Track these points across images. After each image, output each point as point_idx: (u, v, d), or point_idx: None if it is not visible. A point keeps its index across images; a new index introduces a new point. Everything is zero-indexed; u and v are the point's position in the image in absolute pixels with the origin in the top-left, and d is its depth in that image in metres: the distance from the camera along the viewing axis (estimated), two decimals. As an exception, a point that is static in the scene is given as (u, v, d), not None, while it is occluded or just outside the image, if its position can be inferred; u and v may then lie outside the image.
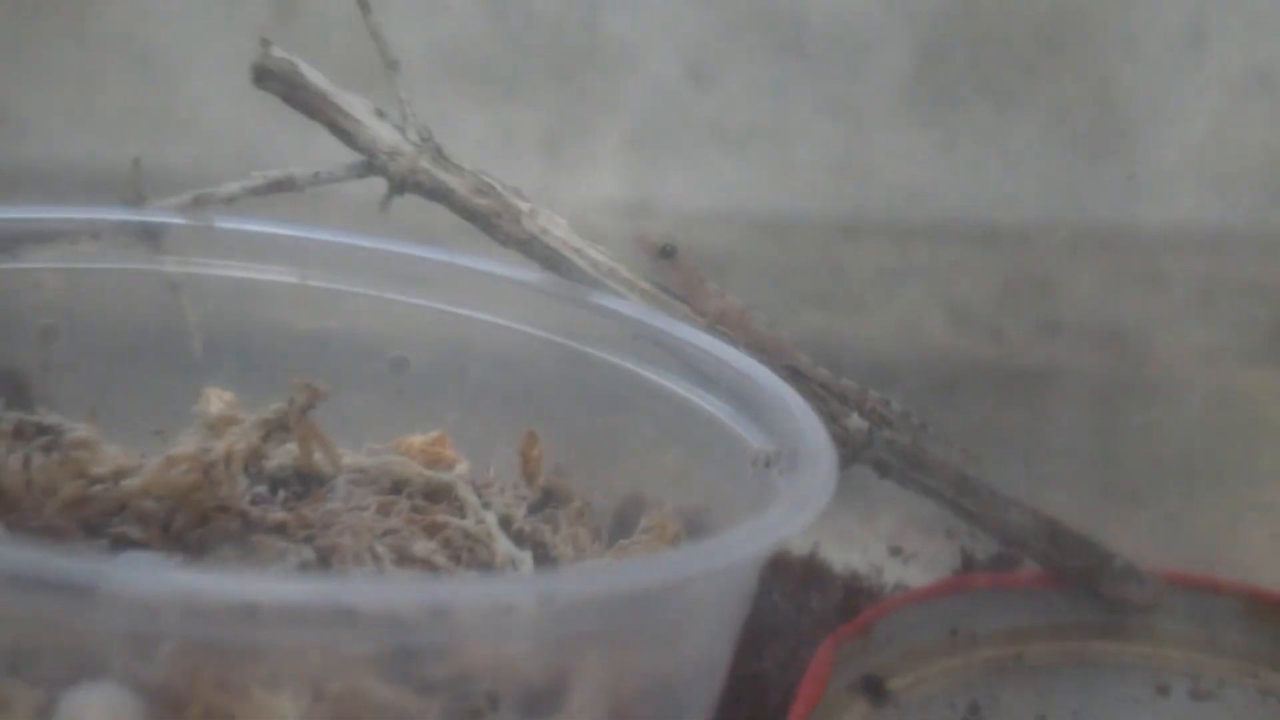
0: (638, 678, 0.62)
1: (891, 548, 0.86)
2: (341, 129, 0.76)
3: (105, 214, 0.79)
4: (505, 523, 0.77)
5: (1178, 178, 1.02)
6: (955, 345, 1.03)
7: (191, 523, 0.72)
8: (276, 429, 0.74)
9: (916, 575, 0.84)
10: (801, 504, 0.63)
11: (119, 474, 0.72)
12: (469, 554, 0.75)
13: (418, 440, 0.79)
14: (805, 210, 1.02)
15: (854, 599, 0.81)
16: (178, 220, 0.79)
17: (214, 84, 0.81)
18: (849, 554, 0.85)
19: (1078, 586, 0.82)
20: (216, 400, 0.75)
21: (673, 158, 1.01)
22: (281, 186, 0.77)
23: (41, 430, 0.73)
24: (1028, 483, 0.81)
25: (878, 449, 0.78)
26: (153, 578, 0.57)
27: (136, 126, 0.83)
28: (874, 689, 0.79)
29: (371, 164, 0.77)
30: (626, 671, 0.62)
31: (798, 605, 0.80)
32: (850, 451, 0.78)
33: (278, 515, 0.74)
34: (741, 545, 0.61)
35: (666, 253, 0.78)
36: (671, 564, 0.63)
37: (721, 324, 0.77)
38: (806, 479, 0.65)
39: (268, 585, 0.59)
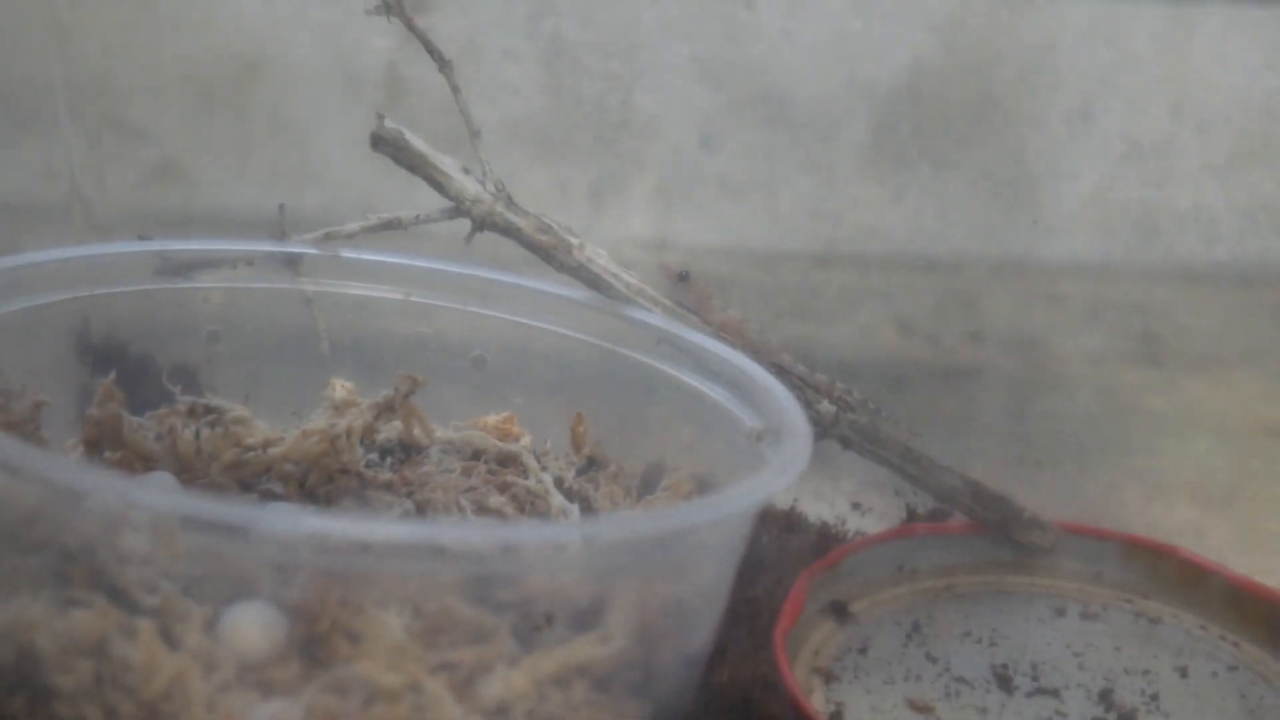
0: (660, 600, 0.63)
1: (853, 503, 0.87)
2: (436, 182, 0.77)
3: (257, 246, 0.79)
4: (558, 483, 0.77)
5: (1072, 221, 1.02)
6: (901, 349, 1.03)
7: (320, 481, 0.73)
8: (385, 410, 0.75)
9: (872, 524, 0.84)
10: (785, 468, 0.63)
11: (266, 444, 0.73)
12: (530, 506, 0.75)
13: (492, 419, 0.79)
14: (787, 245, 1.02)
15: (824, 542, 0.81)
16: (311, 251, 0.79)
17: (340, 147, 0.81)
18: (820, 508, 0.85)
19: (995, 533, 0.82)
20: (340, 388, 0.76)
21: (687, 205, 1.01)
22: (391, 226, 0.78)
23: (208, 410, 0.74)
24: (956, 454, 0.82)
25: (842, 428, 0.79)
26: (292, 522, 0.58)
27: (281, 181, 0.84)
28: (839, 611, 0.79)
29: (459, 209, 0.77)
30: (651, 596, 0.62)
31: (781, 546, 0.81)
32: (821, 429, 0.78)
33: (385, 476, 0.75)
34: (739, 499, 0.61)
35: (682, 277, 0.79)
36: (686, 513, 0.63)
37: (724, 331, 0.77)
38: (789, 450, 0.65)
39: (378, 528, 0.60)
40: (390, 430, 0.76)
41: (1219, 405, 1.03)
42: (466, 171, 0.77)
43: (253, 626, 0.58)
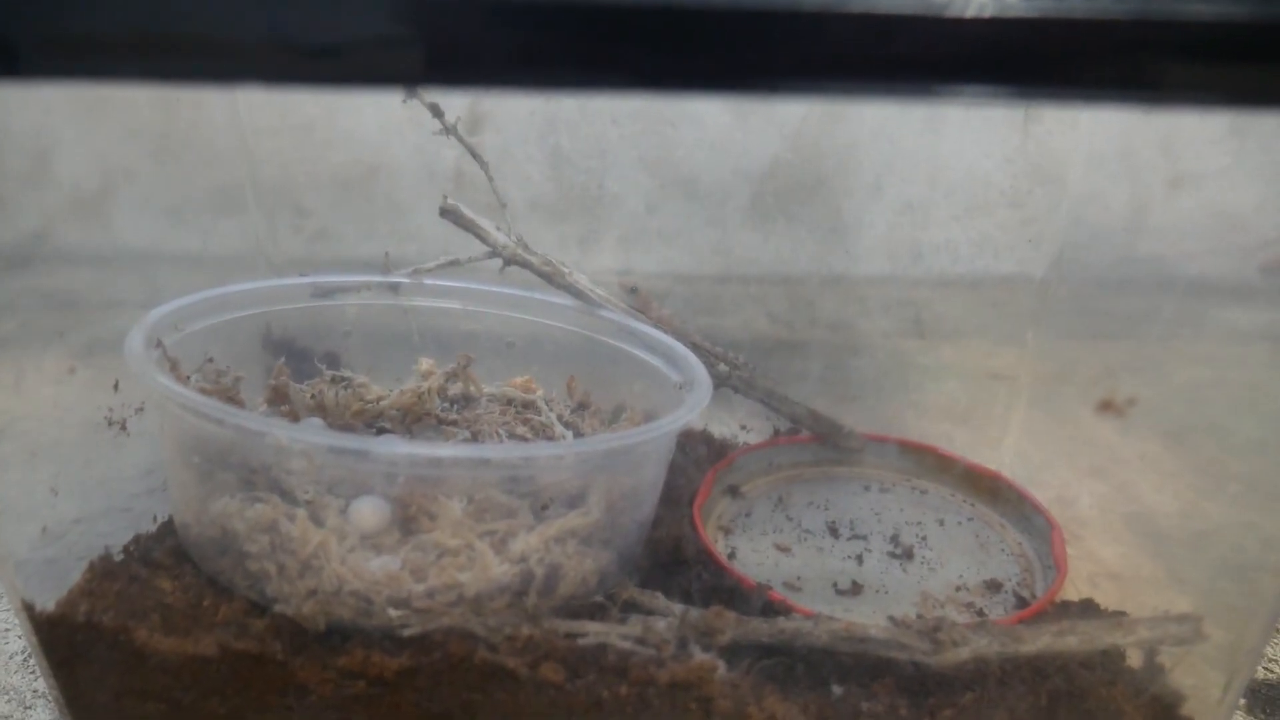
0: (621, 488, 0.61)
1: (741, 426, 0.85)
2: (479, 236, 0.75)
3: (373, 278, 0.77)
4: (560, 418, 0.75)
5: (870, 252, 1.01)
6: (770, 331, 1.02)
7: (413, 420, 0.71)
8: (452, 375, 0.73)
9: (752, 439, 0.83)
10: (694, 405, 0.62)
11: (379, 399, 0.71)
12: (542, 433, 0.73)
13: (518, 381, 0.77)
14: (700, 271, 1.00)
15: (724, 450, 0.79)
16: (406, 280, 0.77)
17: (425, 216, 0.79)
18: (721, 430, 0.83)
19: (826, 442, 0.80)
20: (424, 364, 0.74)
21: (639, 248, 1.00)
22: (454, 263, 0.76)
23: (342, 379, 0.72)
24: (803, 394, 0.80)
25: (733, 380, 0.77)
26: (395, 445, 0.56)
27: (390, 239, 0.81)
28: (734, 491, 0.78)
29: (494, 252, 0.75)
30: (615, 486, 0.61)
31: (697, 453, 0.79)
32: (719, 381, 0.76)
33: (453, 416, 0.73)
34: (667, 425, 0.60)
35: (632, 290, 0.77)
36: (637, 434, 0.61)
37: (660, 323, 0.76)
38: (697, 394, 0.64)
39: (449, 449, 0.58)
40: (455, 388, 0.74)
41: (961, 361, 1.02)
42: (498, 228, 0.75)
43: (369, 512, 0.57)
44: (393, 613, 0.53)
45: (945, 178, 1.02)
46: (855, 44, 0.36)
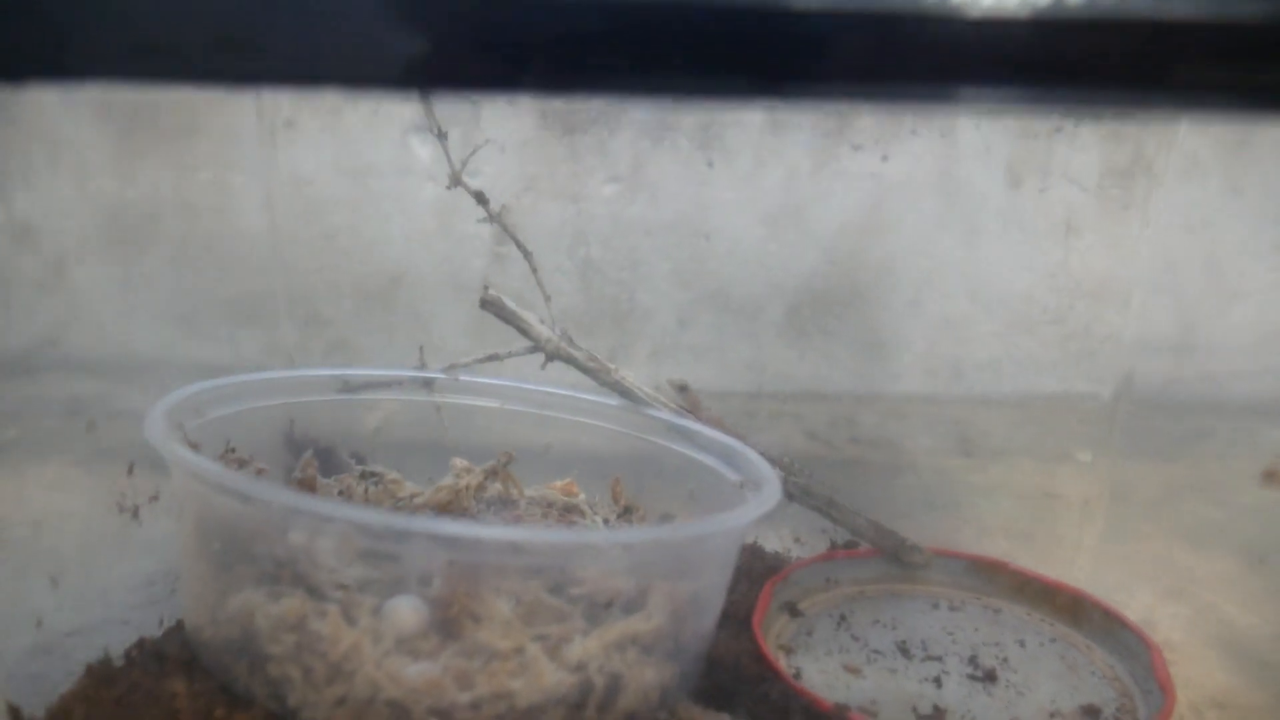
0: (683, 593, 0.54)
1: (795, 539, 0.78)
2: (522, 329, 0.70)
3: (406, 373, 0.72)
4: (605, 523, 0.69)
5: (910, 369, 0.98)
6: (808, 449, 0.98)
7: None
8: (490, 474, 0.67)
9: (807, 552, 0.76)
10: (764, 501, 0.56)
11: (412, 495, 0.64)
12: (588, 537, 0.67)
13: (559, 484, 0.71)
14: (734, 387, 0.96)
15: (777, 564, 0.73)
16: (441, 375, 0.72)
17: (450, 327, 0.75)
18: (773, 543, 0.77)
19: (888, 556, 0.74)
20: (459, 463, 0.68)
21: (670, 362, 0.96)
22: (493, 359, 0.71)
23: (373, 474, 0.66)
24: (857, 503, 0.74)
25: (789, 485, 0.71)
26: (439, 524, 0.50)
27: (413, 349, 0.76)
28: (791, 609, 0.71)
29: (537, 346, 0.70)
30: (677, 590, 0.54)
31: (750, 568, 0.72)
32: (775, 487, 0.71)
33: (491, 519, 0.67)
34: (734, 519, 0.54)
35: (681, 388, 0.72)
36: (693, 527, 0.55)
37: (712, 424, 0.70)
38: (765, 491, 0.58)
39: (494, 530, 0.52)
40: (494, 489, 0.68)
41: (1012, 480, 0.97)
42: (542, 322, 0.71)
43: (407, 612, 0.50)
44: (435, 724, 0.46)
45: (985, 293, 0.99)
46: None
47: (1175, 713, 0.60)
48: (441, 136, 0.69)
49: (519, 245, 0.71)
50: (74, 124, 0.98)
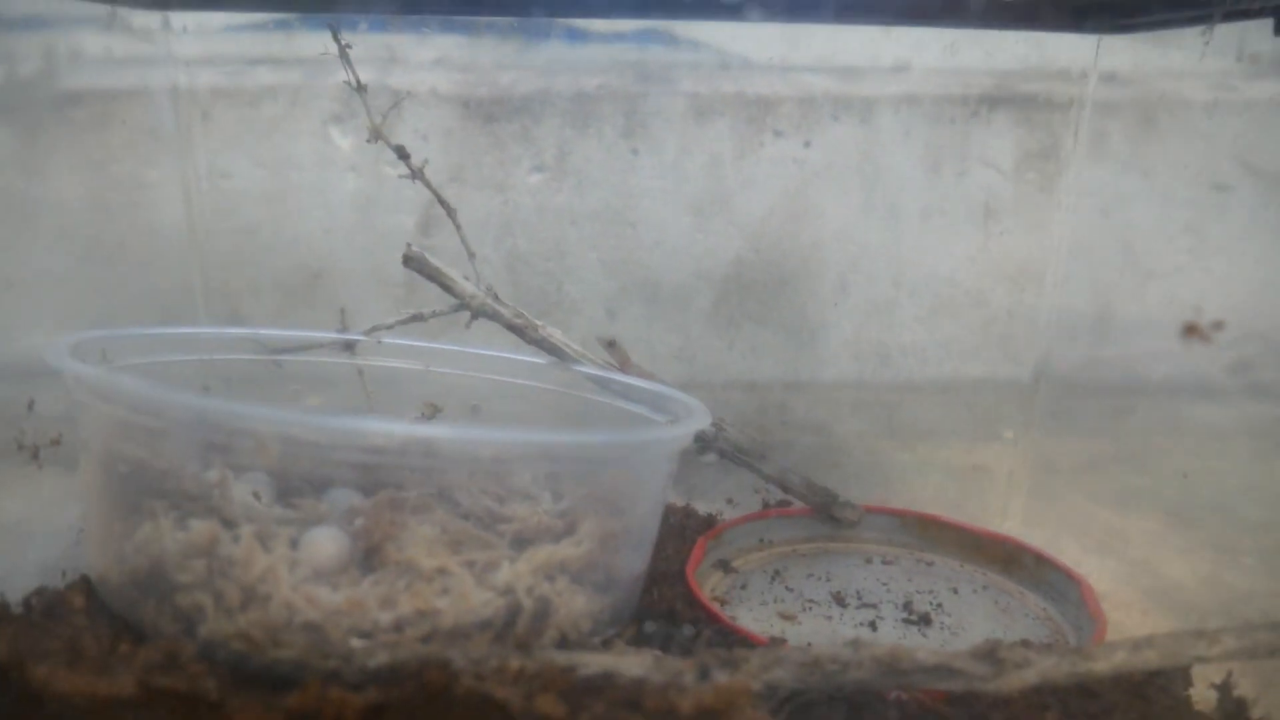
0: (613, 526, 0.53)
1: (728, 500, 0.78)
2: (446, 285, 0.69)
3: (329, 335, 0.70)
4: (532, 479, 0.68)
5: (838, 355, 0.98)
6: (740, 437, 0.96)
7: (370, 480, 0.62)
8: (416, 426, 0.65)
9: (741, 512, 0.75)
10: (687, 424, 0.55)
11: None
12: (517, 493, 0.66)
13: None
14: (662, 376, 0.95)
15: (711, 523, 0.71)
16: (363, 338, 0.70)
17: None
18: (707, 506, 0.76)
19: (822, 515, 0.73)
20: None
21: (598, 352, 0.95)
22: (417, 319, 0.69)
23: (292, 427, 0.64)
24: (792, 464, 0.74)
25: (720, 442, 0.71)
26: (361, 422, 0.48)
27: (284, 307, 0.74)
28: (725, 565, 0.70)
29: (462, 304, 0.69)
30: (607, 522, 0.53)
31: (684, 527, 0.71)
32: (705, 444, 0.70)
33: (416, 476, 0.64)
34: (655, 433, 0.53)
35: (610, 343, 0.71)
36: (622, 434, 0.54)
37: (640, 377, 0.69)
38: (693, 419, 0.57)
39: (427, 429, 0.50)
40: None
41: (940, 457, 0.98)
42: (466, 278, 0.70)
43: (325, 541, 0.48)
44: (356, 643, 0.44)
45: (909, 278, 1.00)
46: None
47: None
48: (361, 90, 0.68)
49: (442, 202, 0.70)
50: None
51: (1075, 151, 0.97)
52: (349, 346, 0.70)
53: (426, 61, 0.95)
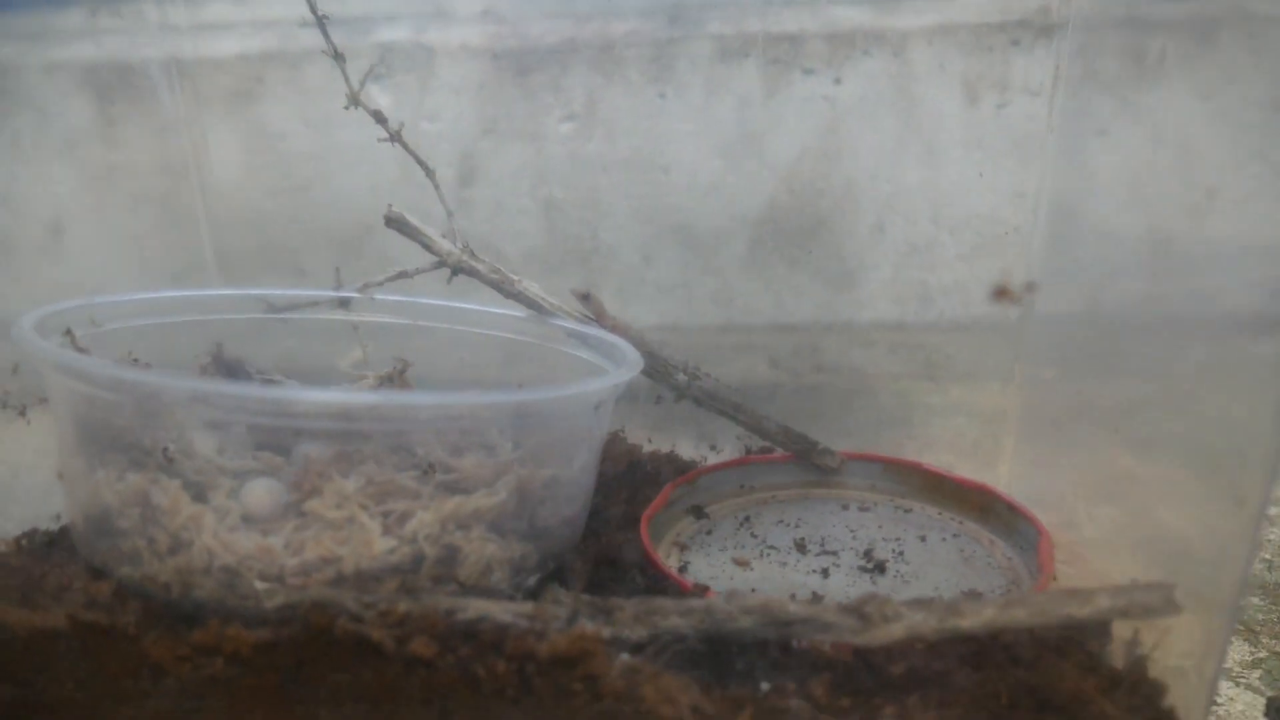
0: (540, 477, 0.56)
1: (711, 446, 0.79)
2: (425, 244, 0.72)
3: (325, 293, 0.75)
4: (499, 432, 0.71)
5: (875, 296, 0.96)
6: (772, 377, 0.97)
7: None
8: (384, 381, 0.69)
9: (723, 458, 0.76)
10: (609, 378, 0.57)
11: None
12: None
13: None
14: (699, 321, 0.97)
15: (691, 468, 0.73)
16: (356, 295, 0.74)
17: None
18: (690, 451, 0.78)
19: (802, 460, 0.74)
20: (357, 354, 0.71)
21: (636, 300, 0.97)
22: (403, 275, 0.73)
23: (271, 383, 0.69)
24: (783, 414, 0.74)
25: (694, 390, 0.72)
26: (249, 387, 0.52)
27: (341, 263, 0.78)
28: (697, 511, 0.71)
29: (442, 261, 0.72)
30: (533, 474, 0.55)
31: (660, 473, 0.73)
32: (679, 392, 0.72)
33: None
34: (576, 388, 0.55)
35: (584, 296, 0.73)
36: (538, 391, 0.56)
37: (615, 330, 0.71)
38: (619, 371, 0.58)
39: (316, 393, 0.53)
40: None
41: (969, 401, 0.96)
42: (444, 236, 0.72)
43: (261, 492, 0.53)
44: (259, 585, 0.48)
45: (949, 216, 0.98)
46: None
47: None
48: (339, 59, 0.72)
49: (421, 164, 0.73)
50: (55, 93, 1.02)
51: (1124, 75, 0.92)
52: (344, 303, 0.74)
53: (474, 14, 0.98)
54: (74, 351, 0.58)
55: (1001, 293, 0.57)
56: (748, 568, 0.64)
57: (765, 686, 0.48)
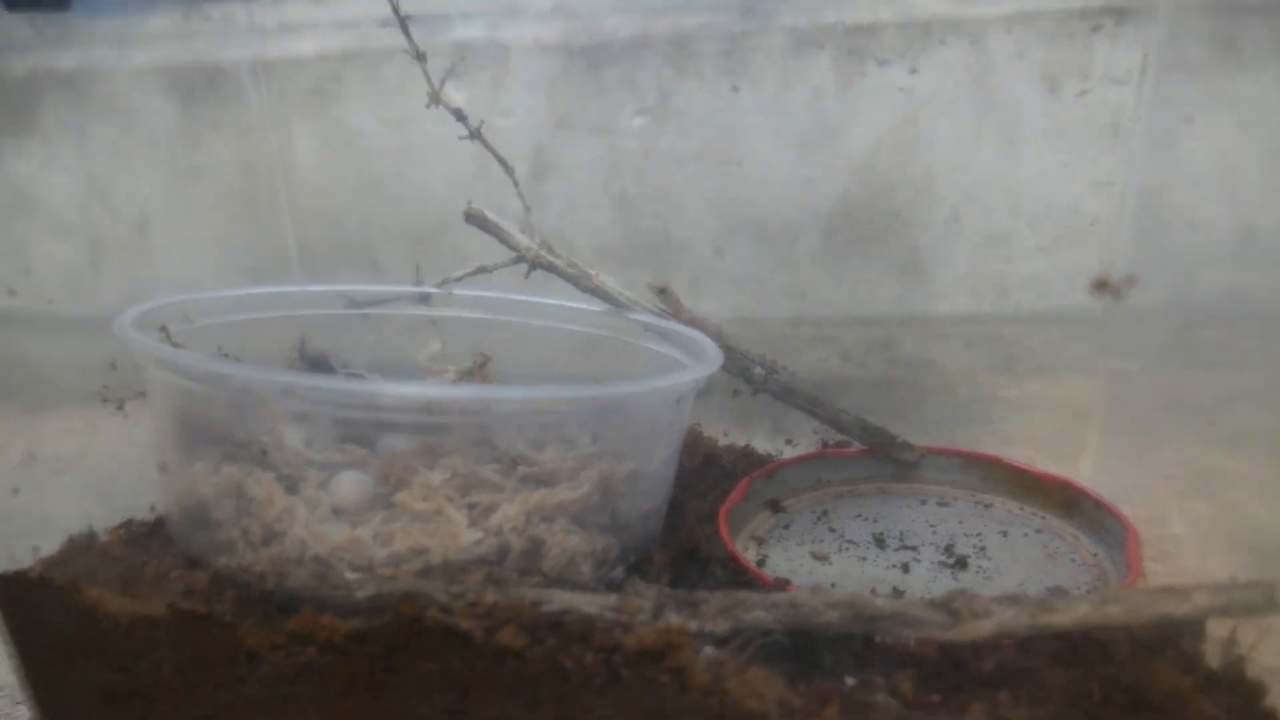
0: (620, 471, 0.56)
1: (787, 439, 0.78)
2: (503, 239, 0.73)
3: (406, 289, 0.76)
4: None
5: (952, 288, 0.95)
6: (844, 371, 0.97)
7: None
8: (465, 375, 0.70)
9: (799, 452, 0.76)
10: (693, 373, 0.57)
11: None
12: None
13: (547, 388, 0.74)
14: (771, 314, 0.96)
15: (767, 462, 0.73)
16: (436, 290, 0.75)
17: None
18: (766, 446, 0.77)
19: (880, 454, 0.73)
20: (434, 345, 0.72)
21: (709, 292, 0.97)
22: (482, 271, 0.74)
23: (357, 377, 0.70)
24: (857, 409, 0.74)
25: (770, 384, 0.71)
26: (328, 380, 0.53)
27: (419, 258, 0.79)
28: (774, 505, 0.71)
29: (520, 256, 0.73)
30: (615, 466, 0.56)
31: (738, 467, 0.73)
32: (755, 386, 0.71)
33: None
34: (657, 382, 0.55)
35: (661, 290, 0.73)
36: (622, 386, 0.56)
37: (692, 324, 0.71)
38: (701, 367, 0.58)
39: (393, 386, 0.55)
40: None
41: (1049, 395, 0.94)
42: (523, 231, 0.73)
43: (350, 485, 0.54)
44: (350, 575, 0.49)
45: (1027, 207, 0.96)
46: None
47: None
48: (421, 58, 0.72)
49: (500, 161, 0.74)
50: (142, 95, 1.05)
51: (1212, 60, 0.89)
52: (424, 299, 0.75)
53: (547, 10, 0.99)
54: (171, 347, 0.60)
55: (1102, 285, 0.55)
56: (826, 562, 0.63)
57: (850, 681, 0.48)
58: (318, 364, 0.72)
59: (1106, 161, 0.93)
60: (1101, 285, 0.55)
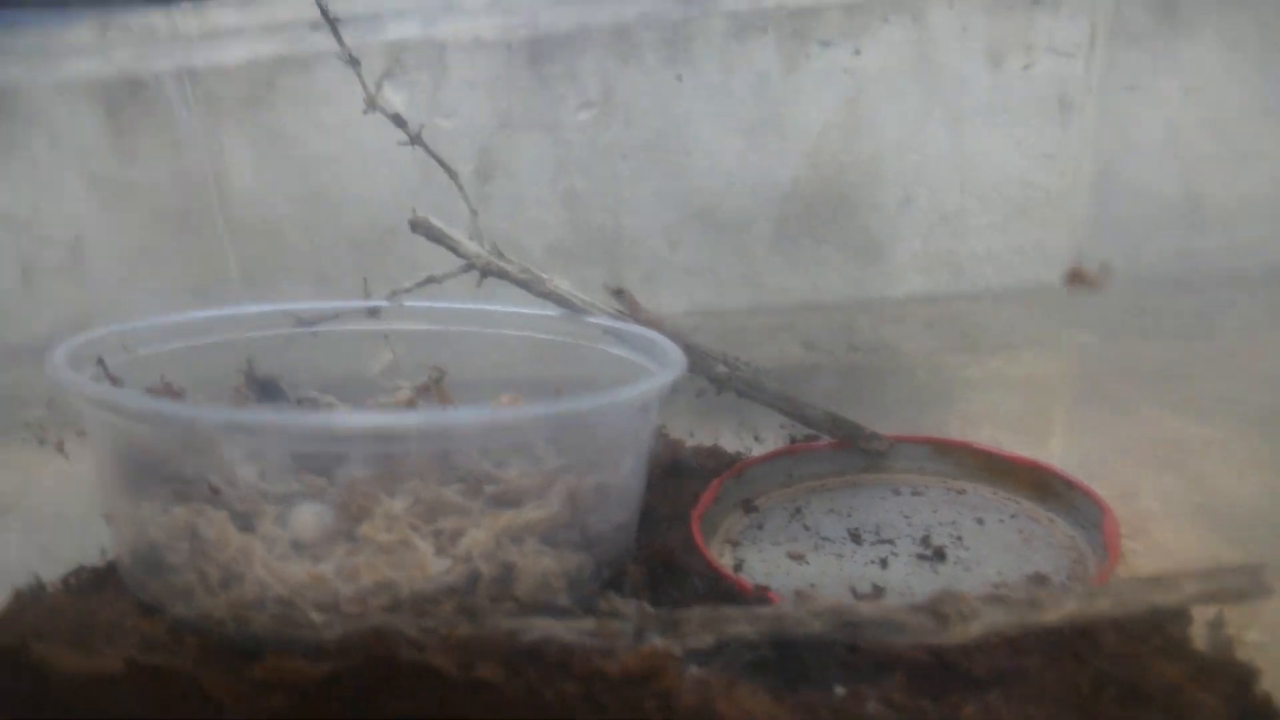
0: (586, 484, 0.54)
1: (755, 436, 0.77)
2: (451, 247, 0.70)
3: (353, 304, 0.73)
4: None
5: (906, 269, 0.94)
6: (806, 359, 0.96)
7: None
8: (422, 391, 0.67)
9: (768, 449, 0.74)
10: (656, 379, 0.55)
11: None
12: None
13: (506, 397, 0.71)
14: (728, 304, 0.95)
15: (735, 462, 0.71)
16: (385, 304, 0.73)
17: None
18: (734, 444, 0.76)
19: (848, 447, 0.72)
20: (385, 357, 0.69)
21: (664, 285, 0.95)
22: (431, 281, 0.71)
23: (309, 400, 0.67)
24: (819, 396, 0.73)
25: (735, 382, 0.70)
26: (288, 413, 0.50)
27: (365, 267, 0.76)
28: (747, 505, 0.70)
29: (469, 264, 0.70)
30: (581, 481, 0.54)
31: (707, 467, 0.71)
32: (719, 384, 0.70)
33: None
34: (621, 394, 0.53)
35: (617, 292, 0.71)
36: (582, 400, 0.53)
37: (650, 325, 0.69)
38: (664, 374, 0.56)
39: (354, 417, 0.52)
40: (430, 401, 0.69)
41: (1009, 371, 0.94)
42: (471, 239, 0.71)
43: (309, 517, 0.51)
44: (316, 616, 0.47)
45: (977, 184, 0.95)
46: None
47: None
48: (354, 63, 0.70)
49: (443, 165, 0.71)
50: (67, 111, 1.00)
51: (1156, 28, 0.89)
52: (374, 312, 0.73)
53: (484, 4, 0.96)
54: (107, 383, 0.57)
55: (1075, 277, 0.54)
56: (803, 561, 0.62)
57: (840, 691, 0.47)
58: (267, 388, 0.69)
59: (1055, 134, 0.93)
60: (1076, 276, 0.54)
